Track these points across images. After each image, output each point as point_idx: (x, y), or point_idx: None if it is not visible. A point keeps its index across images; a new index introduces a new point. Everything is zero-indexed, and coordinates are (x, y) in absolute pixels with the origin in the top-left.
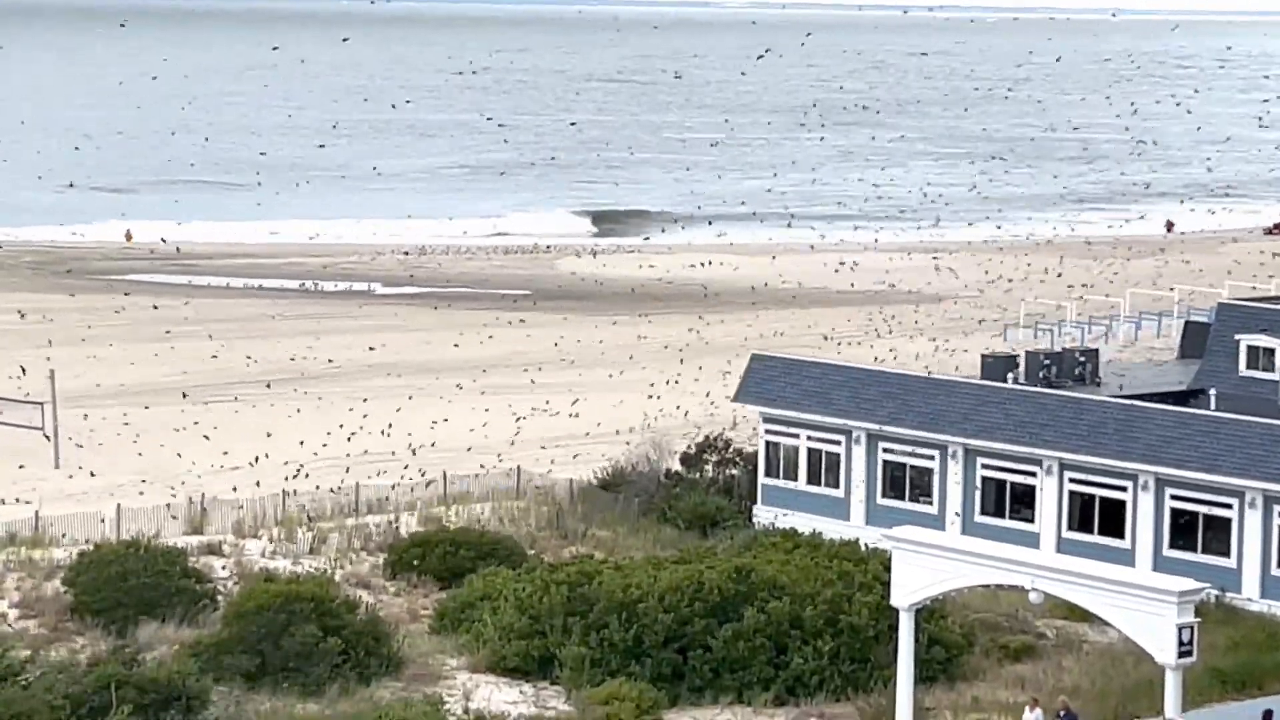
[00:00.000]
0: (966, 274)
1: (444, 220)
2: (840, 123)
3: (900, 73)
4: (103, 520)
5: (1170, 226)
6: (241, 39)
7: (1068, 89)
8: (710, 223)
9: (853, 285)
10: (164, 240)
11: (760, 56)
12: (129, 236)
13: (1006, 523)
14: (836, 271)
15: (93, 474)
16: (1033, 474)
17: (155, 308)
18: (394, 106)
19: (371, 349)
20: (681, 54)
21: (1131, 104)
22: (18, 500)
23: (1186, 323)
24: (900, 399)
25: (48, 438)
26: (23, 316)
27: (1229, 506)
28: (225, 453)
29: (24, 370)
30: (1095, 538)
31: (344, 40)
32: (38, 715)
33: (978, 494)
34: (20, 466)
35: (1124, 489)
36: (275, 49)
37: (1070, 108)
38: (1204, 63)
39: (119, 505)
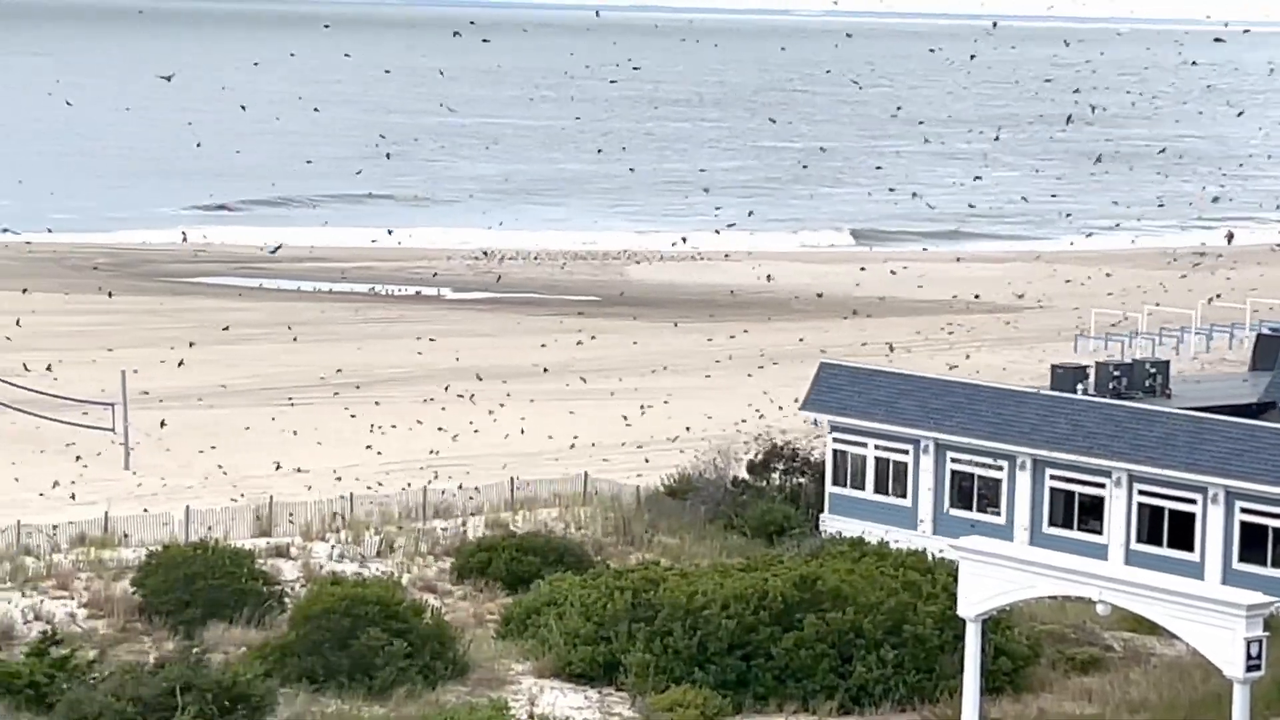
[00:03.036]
0: (1039, 284)
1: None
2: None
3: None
4: (166, 524)
5: (1230, 237)
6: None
7: (1157, 98)
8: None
9: (927, 294)
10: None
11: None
12: (184, 237)
13: (1074, 534)
14: (919, 286)
15: (162, 477)
16: (1101, 485)
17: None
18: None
19: (447, 354)
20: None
21: (1239, 111)
22: (76, 500)
23: (1259, 335)
24: (969, 409)
25: (117, 442)
26: (94, 314)
27: None
28: (293, 455)
29: (96, 371)
30: (1164, 550)
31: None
32: (105, 715)
33: (1046, 505)
34: (87, 465)
35: (1193, 501)
36: (346, 55)
37: (1160, 117)
38: (1253, 74)
39: (188, 507)
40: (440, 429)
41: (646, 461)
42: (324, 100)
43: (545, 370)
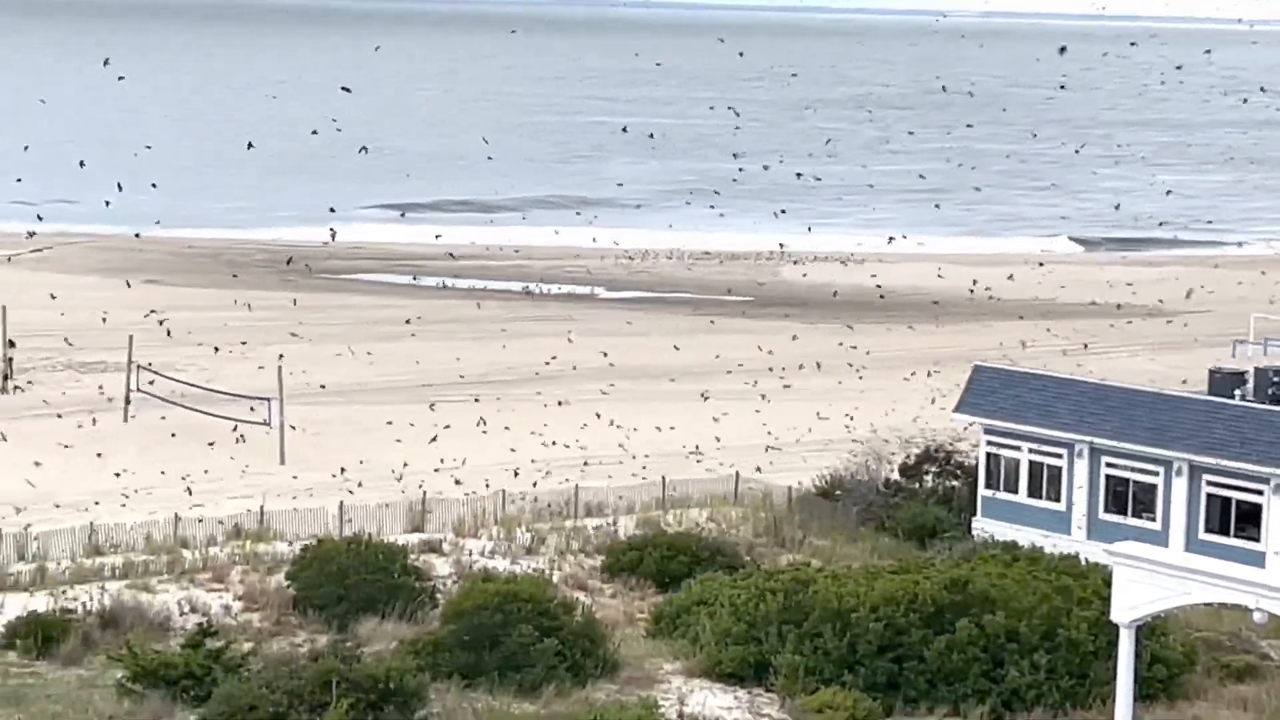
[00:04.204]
0: (1201, 287)
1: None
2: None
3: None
4: (311, 524)
5: None
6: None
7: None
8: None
9: (1086, 297)
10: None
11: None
12: (333, 235)
13: (1231, 541)
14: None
15: (317, 471)
16: (1259, 492)
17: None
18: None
19: (598, 353)
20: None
21: None
22: (232, 494)
23: None
24: (1125, 413)
25: (273, 436)
26: (250, 310)
27: None
28: (446, 452)
29: (251, 366)
30: None
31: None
32: (259, 707)
33: (1202, 511)
34: (243, 460)
35: None
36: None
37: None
38: None
39: (341, 502)
40: (591, 427)
41: (804, 461)
42: (485, 101)
43: (696, 370)
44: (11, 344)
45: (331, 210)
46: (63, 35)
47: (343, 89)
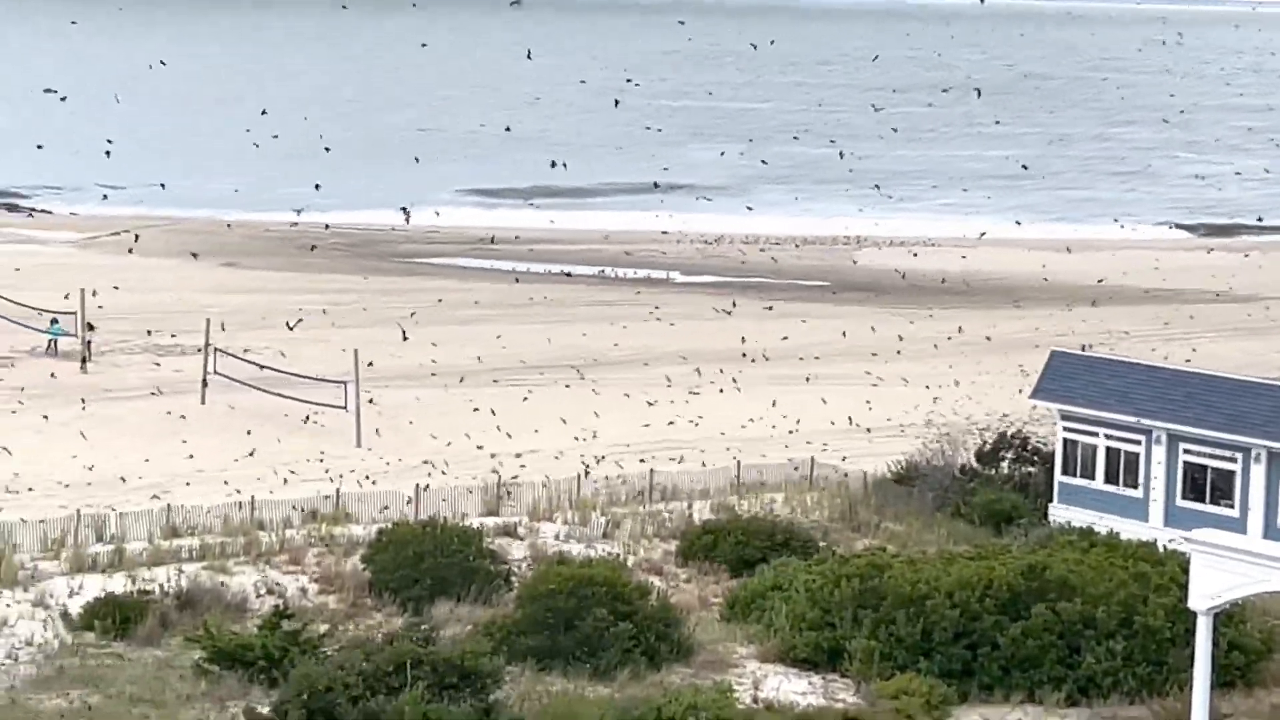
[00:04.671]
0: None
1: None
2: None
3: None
4: (386, 507)
5: None
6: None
7: None
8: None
9: (1163, 282)
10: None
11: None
12: (406, 217)
13: None
14: (1156, 268)
15: (393, 454)
16: None
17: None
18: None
19: (673, 337)
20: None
21: None
22: (309, 476)
23: None
24: (1203, 400)
25: (349, 419)
26: (327, 293)
27: None
28: (520, 435)
29: (327, 349)
30: None
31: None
32: (334, 689)
33: None
34: (320, 442)
35: None
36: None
37: None
38: None
39: (417, 485)
40: (665, 411)
41: (880, 446)
42: (563, 84)
43: (771, 354)
44: (90, 326)
45: (407, 199)
46: (138, 24)
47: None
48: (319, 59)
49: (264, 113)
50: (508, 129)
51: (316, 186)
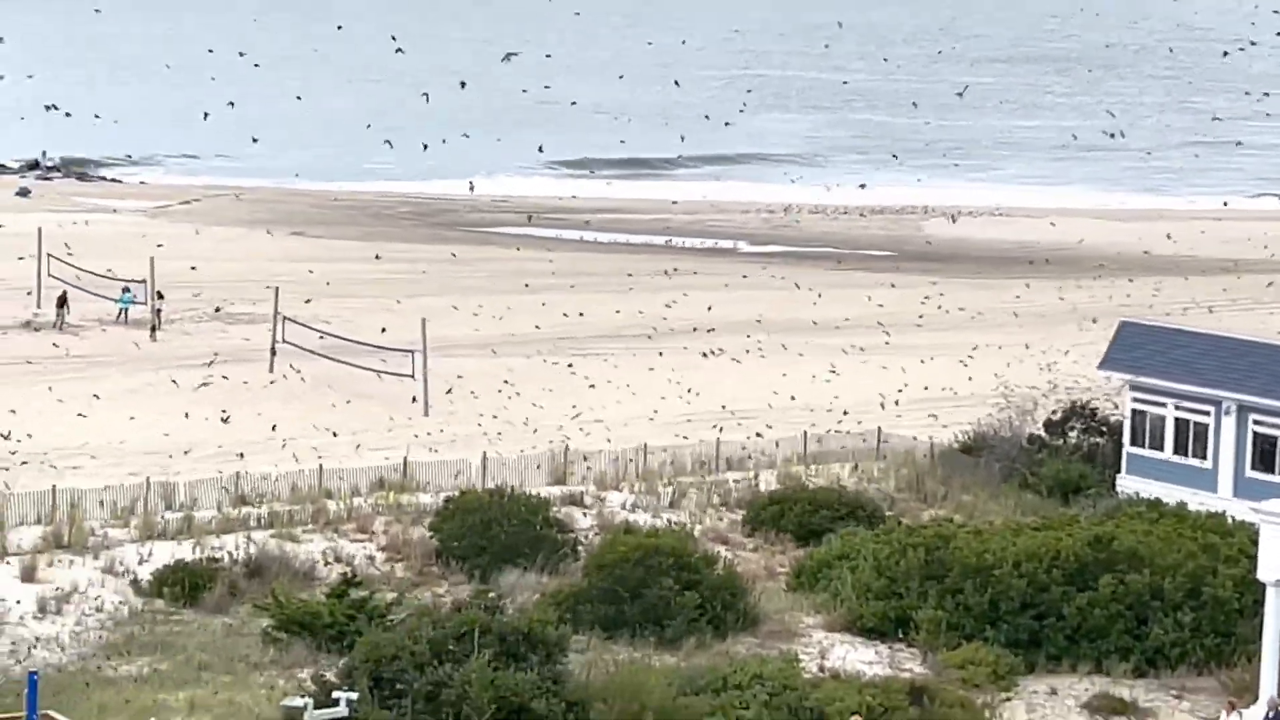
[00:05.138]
0: None
1: None
2: None
3: None
4: (457, 475)
5: None
6: None
7: None
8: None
9: (1237, 253)
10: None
11: None
12: (471, 188)
13: None
14: (1248, 239)
15: (460, 423)
16: None
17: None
18: None
19: (740, 307)
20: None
21: None
22: (376, 445)
23: None
24: (1273, 370)
25: (417, 388)
26: (378, 259)
27: None
28: (587, 405)
29: (396, 318)
30: None
31: None
32: (401, 657)
33: None
34: (388, 411)
35: None
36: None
37: None
38: None
39: (484, 453)
40: (731, 381)
41: (947, 416)
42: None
43: (839, 324)
44: (160, 295)
45: (478, 168)
46: None
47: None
48: (391, 29)
49: (348, 81)
50: (573, 103)
51: (387, 143)
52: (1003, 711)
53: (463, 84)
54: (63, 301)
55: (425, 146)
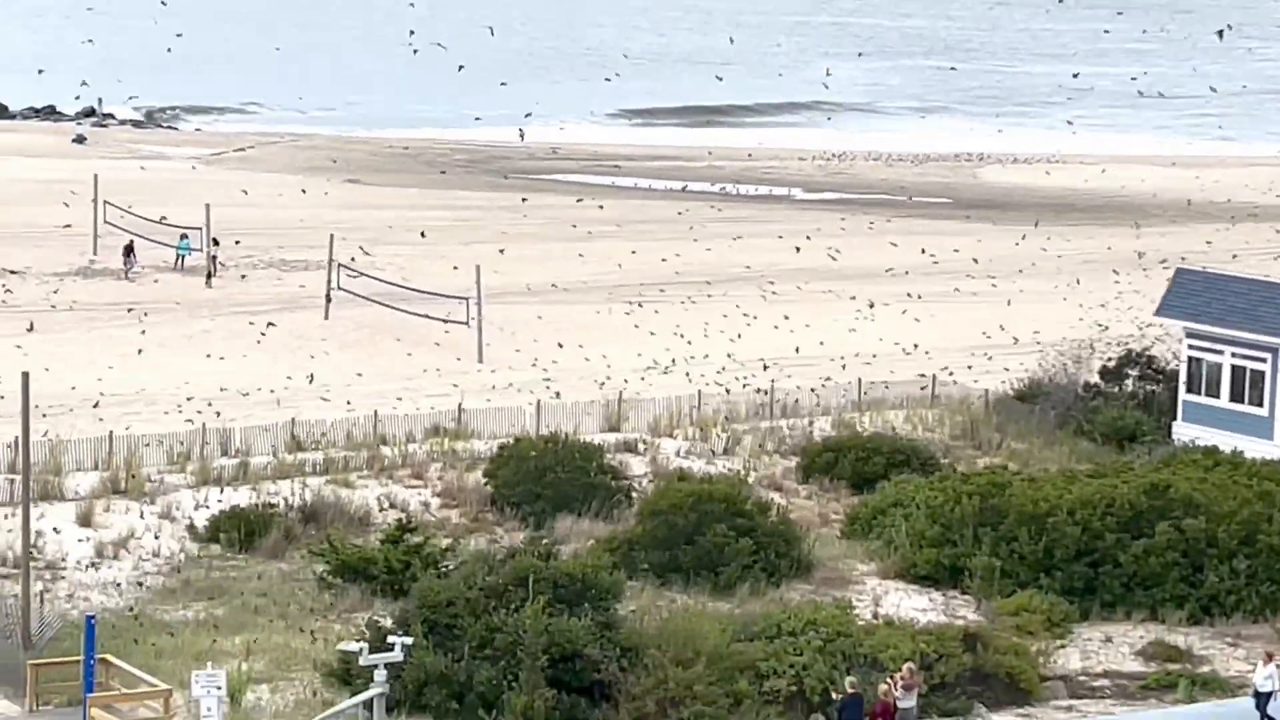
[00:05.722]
0: None
1: None
2: None
3: None
4: (513, 422)
5: None
6: None
7: None
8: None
9: None
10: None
11: None
12: (521, 135)
13: None
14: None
15: (514, 373)
16: None
17: (579, 200)
18: None
19: (793, 254)
20: None
21: None
22: (431, 391)
23: None
24: None
25: (471, 335)
26: (449, 209)
27: None
28: (641, 351)
29: (449, 266)
30: None
31: None
32: (456, 603)
33: None
34: (442, 358)
35: None
36: None
37: None
38: None
39: (539, 400)
40: (786, 327)
41: (1002, 362)
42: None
43: (895, 272)
44: (215, 242)
45: (537, 115)
46: None
47: None
48: None
49: (411, 33)
50: (625, 54)
51: (457, 72)
52: (1057, 659)
53: (491, 30)
54: (130, 250)
55: (503, 83)
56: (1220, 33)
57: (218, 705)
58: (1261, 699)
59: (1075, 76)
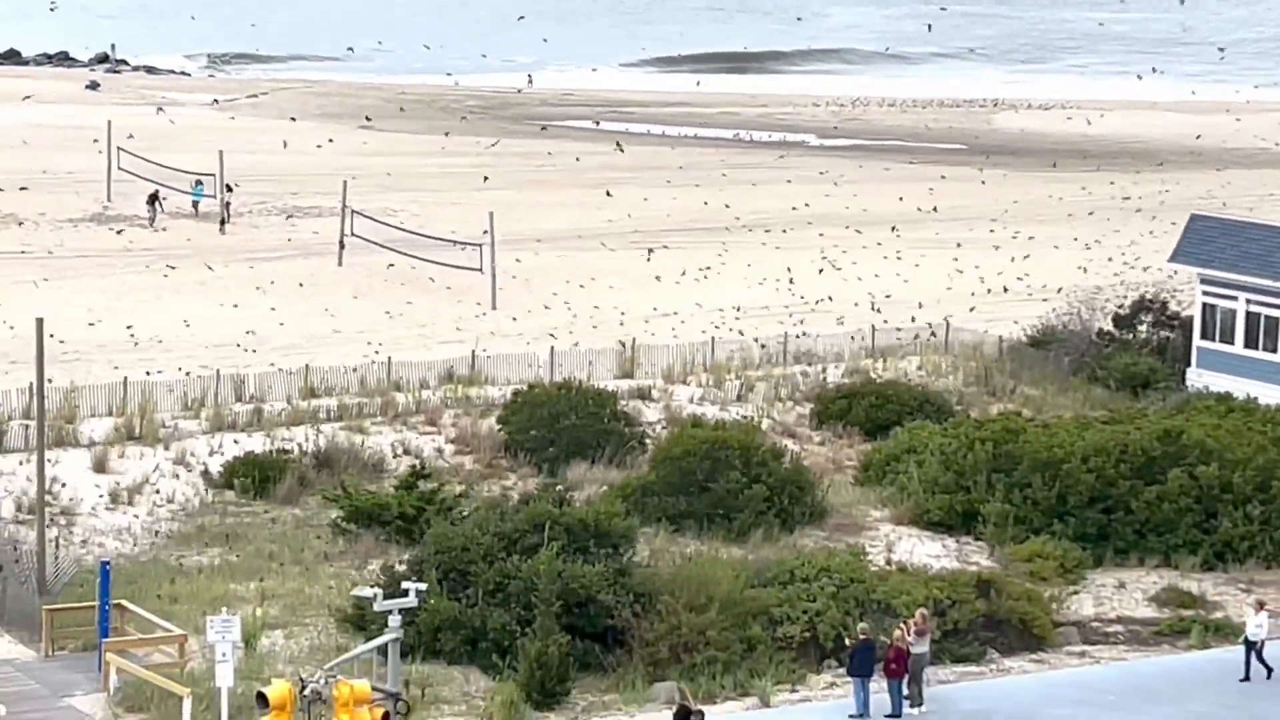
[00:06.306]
0: None
1: None
2: None
3: None
4: (526, 368)
5: None
6: None
7: None
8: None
9: None
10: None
11: None
12: (530, 81)
13: None
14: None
15: (528, 316)
16: None
17: (578, 158)
18: None
19: (806, 201)
20: None
21: None
22: (445, 338)
23: None
24: None
25: (485, 282)
26: (463, 155)
27: None
28: (657, 298)
29: (463, 212)
30: None
31: None
32: (470, 549)
33: None
34: (456, 304)
35: None
36: None
37: None
38: None
39: (552, 347)
40: (801, 274)
41: (1016, 309)
42: None
43: (908, 217)
44: (229, 188)
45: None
46: None
47: None
48: None
49: None
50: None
51: (544, 40)
52: (1070, 605)
53: None
54: (154, 198)
55: (545, 40)
56: None
57: (232, 650)
58: (1253, 647)
59: (1100, 25)
